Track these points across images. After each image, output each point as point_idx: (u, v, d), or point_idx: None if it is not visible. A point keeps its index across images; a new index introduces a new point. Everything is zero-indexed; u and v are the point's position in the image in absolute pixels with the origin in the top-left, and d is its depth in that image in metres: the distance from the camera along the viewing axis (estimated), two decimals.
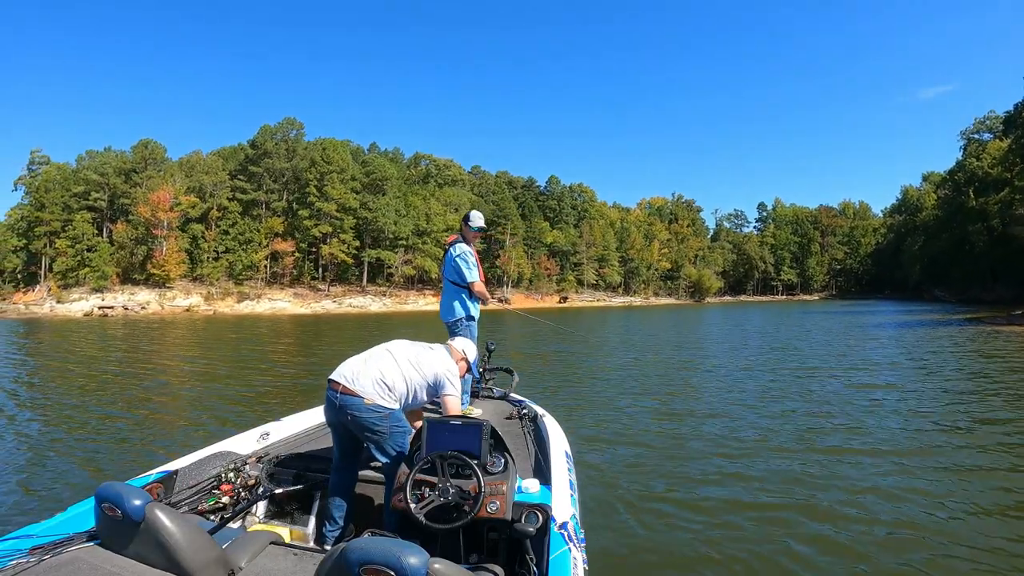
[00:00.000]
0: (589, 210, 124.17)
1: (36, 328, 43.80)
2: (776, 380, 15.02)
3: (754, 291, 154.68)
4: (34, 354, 24.78)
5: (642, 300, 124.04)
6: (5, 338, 33.07)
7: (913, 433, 9.27)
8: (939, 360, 18.43)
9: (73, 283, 77.82)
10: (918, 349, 21.81)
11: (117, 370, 18.39)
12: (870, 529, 5.70)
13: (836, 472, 7.37)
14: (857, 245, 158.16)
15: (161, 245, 79.32)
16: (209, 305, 76.40)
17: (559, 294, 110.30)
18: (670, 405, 11.94)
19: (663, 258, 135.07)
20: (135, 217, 79.68)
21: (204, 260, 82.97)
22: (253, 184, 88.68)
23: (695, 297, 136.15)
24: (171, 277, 78.03)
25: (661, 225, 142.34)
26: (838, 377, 15.23)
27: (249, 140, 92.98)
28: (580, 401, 12.40)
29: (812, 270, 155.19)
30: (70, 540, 2.73)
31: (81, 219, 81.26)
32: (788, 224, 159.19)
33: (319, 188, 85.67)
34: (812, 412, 10.94)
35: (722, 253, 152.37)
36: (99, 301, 73.25)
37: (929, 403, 11.64)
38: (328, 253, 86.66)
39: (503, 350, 23.73)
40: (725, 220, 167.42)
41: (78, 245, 79.62)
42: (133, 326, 45.43)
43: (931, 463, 7.73)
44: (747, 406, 11.56)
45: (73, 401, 12.79)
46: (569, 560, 2.98)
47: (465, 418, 3.97)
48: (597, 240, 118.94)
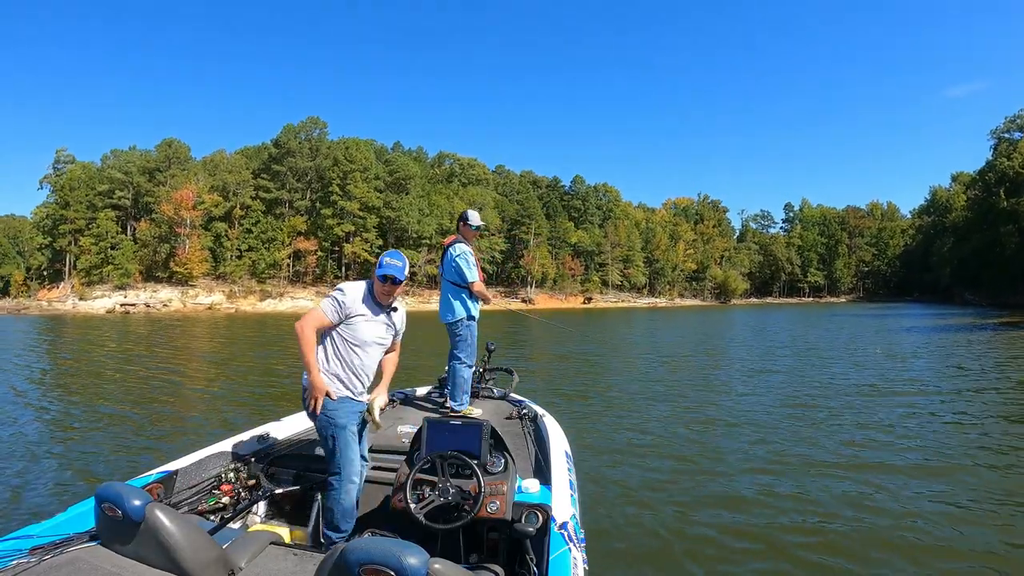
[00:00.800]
0: (614, 210, 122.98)
1: (57, 325, 43.80)
2: (803, 385, 14.41)
3: (780, 293, 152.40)
4: (49, 351, 24.46)
5: (667, 301, 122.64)
6: (24, 334, 33.03)
7: (967, 450, 8.42)
8: (981, 366, 17.35)
9: (97, 280, 78.53)
10: (958, 355, 20.50)
11: (129, 368, 18.22)
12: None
13: (873, 488, 6.86)
14: (885, 247, 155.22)
15: (184, 243, 79.56)
16: (231, 303, 76.51)
17: (583, 295, 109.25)
18: (683, 406, 11.79)
19: (688, 259, 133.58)
20: (158, 215, 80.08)
21: (227, 258, 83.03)
22: (276, 183, 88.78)
23: (721, 298, 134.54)
24: (194, 275, 78.25)
25: (687, 225, 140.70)
26: (877, 387, 13.95)
27: (272, 139, 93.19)
28: (591, 402, 12.42)
29: (839, 272, 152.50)
30: (70, 540, 2.70)
31: (105, 217, 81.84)
32: (815, 225, 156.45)
33: (342, 187, 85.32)
34: (844, 421, 10.32)
35: (748, 254, 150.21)
36: (121, 298, 73.84)
37: (978, 416, 10.65)
38: (351, 252, 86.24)
39: (527, 353, 23.35)
40: (751, 221, 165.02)
41: (102, 243, 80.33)
42: (153, 324, 45.33)
43: (988, 486, 6.95)
44: (767, 411, 11.17)
45: (77, 399, 12.67)
46: (569, 560, 2.97)
47: (465, 418, 4.36)
48: (622, 240, 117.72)
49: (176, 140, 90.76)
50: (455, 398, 5.84)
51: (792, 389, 13.73)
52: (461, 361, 5.90)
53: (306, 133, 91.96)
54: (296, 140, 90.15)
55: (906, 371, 16.46)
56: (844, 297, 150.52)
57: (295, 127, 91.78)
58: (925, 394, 12.77)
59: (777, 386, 14.21)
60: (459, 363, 5.90)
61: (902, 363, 18.39)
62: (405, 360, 6.07)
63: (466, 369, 5.92)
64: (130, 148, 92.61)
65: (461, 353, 5.94)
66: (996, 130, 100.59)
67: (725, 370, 17.66)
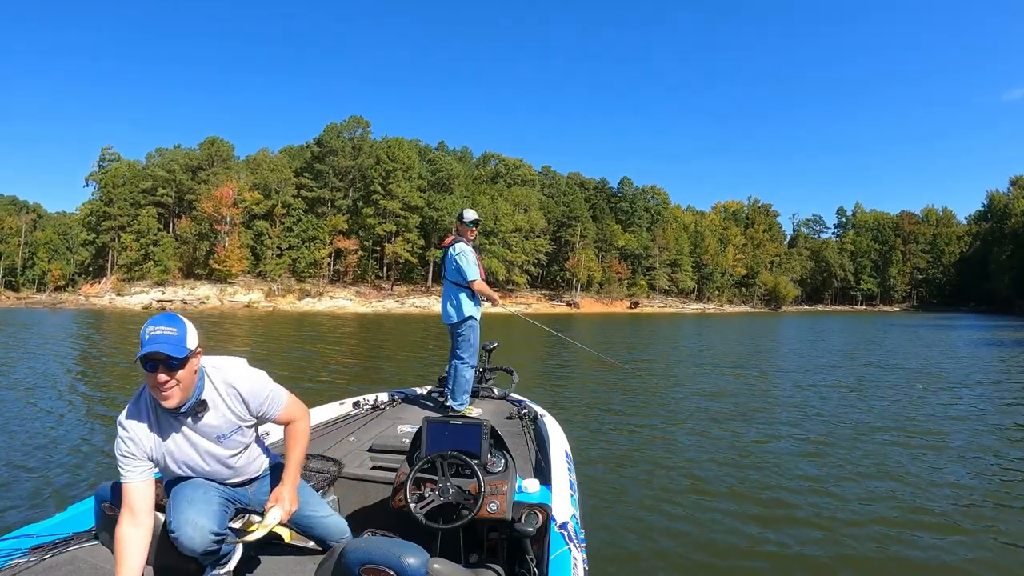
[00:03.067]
0: (662, 213, 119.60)
1: (90, 320, 43.83)
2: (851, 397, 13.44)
3: (832, 300, 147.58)
4: (73, 345, 24.30)
5: (715, 308, 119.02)
6: (55, 327, 33.72)
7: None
8: None
9: (138, 276, 78.73)
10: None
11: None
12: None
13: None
14: (940, 254, 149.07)
15: (223, 241, 78.96)
16: (269, 302, 75.37)
17: (630, 299, 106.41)
18: (678, 402, 12.27)
19: (738, 264, 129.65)
20: (199, 212, 79.96)
21: (267, 256, 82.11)
22: (319, 182, 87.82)
23: (771, 305, 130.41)
24: (232, 273, 77.42)
25: (736, 230, 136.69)
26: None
27: (315, 138, 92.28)
28: (592, 402, 12.40)
29: (893, 279, 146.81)
30: (70, 539, 2.76)
31: (147, 214, 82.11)
32: (868, 231, 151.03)
33: (384, 186, 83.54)
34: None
35: (799, 260, 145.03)
36: (159, 294, 73.33)
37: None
38: (392, 252, 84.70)
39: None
40: (802, 226, 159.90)
41: (143, 239, 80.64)
42: (190, 320, 44.46)
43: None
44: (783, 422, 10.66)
45: (78, 397, 12.37)
46: (569, 560, 2.99)
47: (465, 418, 4.54)
48: (670, 244, 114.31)
49: (219, 139, 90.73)
50: (455, 398, 5.86)
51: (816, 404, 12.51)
52: (463, 361, 5.91)
53: (349, 132, 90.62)
54: (339, 139, 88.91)
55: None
56: (898, 306, 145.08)
57: (338, 126, 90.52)
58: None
59: (799, 401, 12.95)
60: (461, 363, 5.90)
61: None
62: (405, 360, 5.36)
63: (468, 369, 5.92)
64: (175, 147, 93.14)
65: (463, 353, 5.94)
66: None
67: (744, 380, 16.45)
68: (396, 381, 13.84)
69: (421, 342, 29.04)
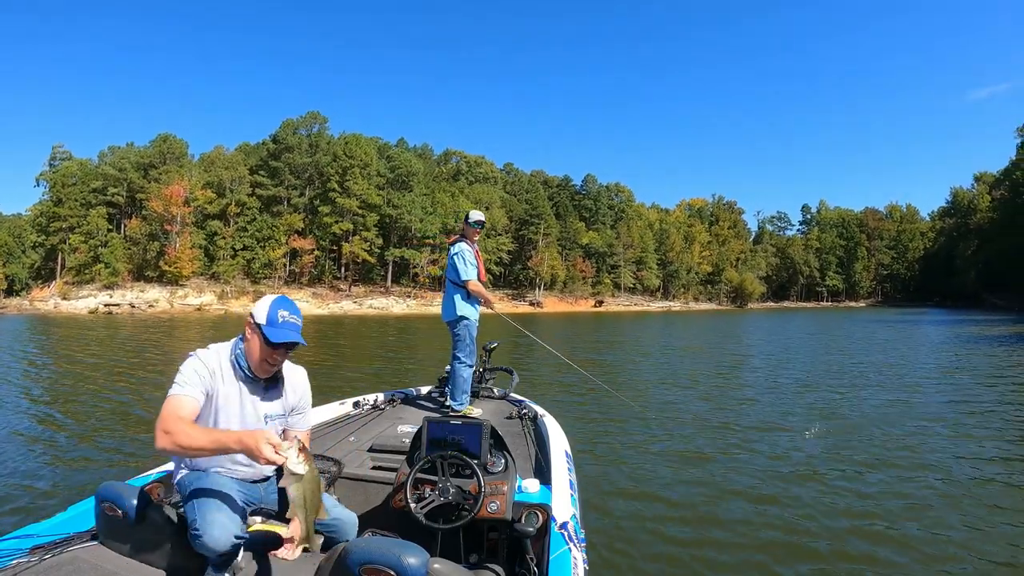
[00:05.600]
0: (627, 210, 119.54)
1: (29, 326, 41.27)
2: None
3: (798, 297, 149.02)
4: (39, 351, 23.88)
5: (681, 305, 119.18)
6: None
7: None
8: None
9: (87, 280, 75.86)
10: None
11: (131, 366, 18.20)
12: None
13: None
14: (904, 250, 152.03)
15: (174, 241, 76.56)
16: (222, 304, 73.15)
17: (594, 297, 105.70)
18: (678, 401, 12.29)
19: (704, 261, 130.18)
20: (148, 212, 77.52)
21: (221, 257, 79.84)
22: (275, 180, 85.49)
23: (737, 302, 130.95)
24: (184, 274, 75.18)
25: (701, 227, 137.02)
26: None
27: (271, 135, 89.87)
28: (592, 402, 12.15)
29: (858, 275, 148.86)
30: (70, 540, 2.72)
31: (97, 214, 79.26)
32: (833, 227, 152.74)
33: (341, 184, 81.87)
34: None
35: (765, 257, 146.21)
36: (107, 298, 70.99)
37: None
38: (349, 252, 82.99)
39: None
40: (768, 223, 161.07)
41: (92, 241, 77.79)
42: (136, 325, 43.44)
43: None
44: (775, 417, 10.86)
45: (78, 397, 12.66)
46: (569, 560, 2.98)
47: (465, 418, 4.63)
48: (635, 241, 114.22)
49: (172, 136, 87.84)
50: (455, 398, 5.82)
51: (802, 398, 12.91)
52: (461, 361, 5.91)
53: (306, 128, 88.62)
54: (295, 136, 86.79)
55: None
56: (863, 301, 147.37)
57: (294, 122, 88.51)
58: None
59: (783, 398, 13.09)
60: (459, 363, 5.90)
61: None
62: (404, 360, 7.06)
63: (466, 369, 5.90)
64: (128, 145, 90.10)
65: (460, 353, 5.95)
66: (1023, 127, 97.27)
67: (733, 378, 16.61)
68: (393, 382, 13.80)
69: (376, 347, 27.93)
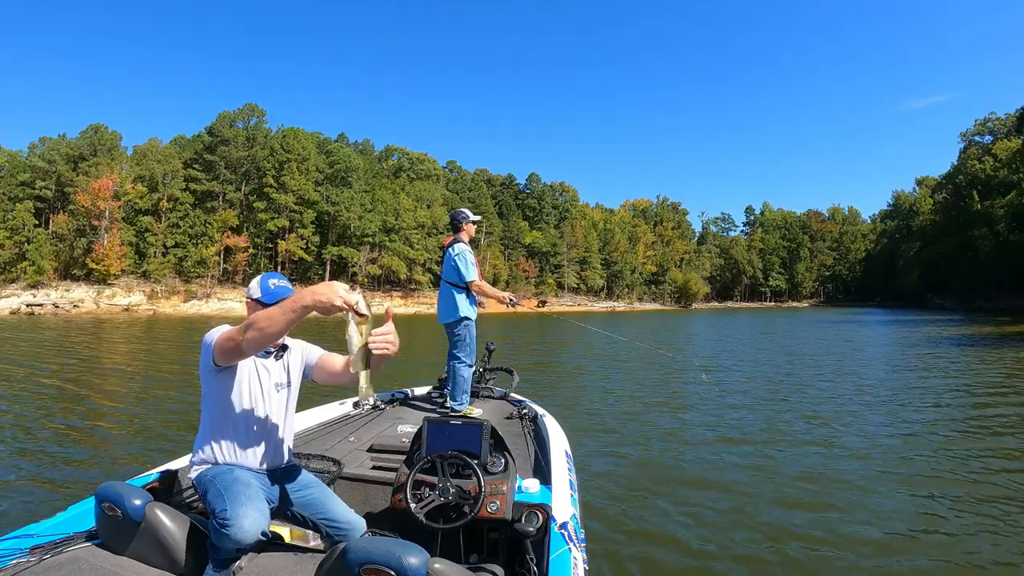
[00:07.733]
0: (571, 210, 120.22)
1: None
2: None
3: (741, 297, 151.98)
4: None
5: (625, 305, 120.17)
6: None
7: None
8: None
9: (12, 278, 72.10)
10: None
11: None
12: None
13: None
14: (846, 251, 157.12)
15: (102, 238, 73.51)
16: (152, 304, 70.76)
17: (537, 298, 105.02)
18: (678, 402, 12.23)
19: (648, 261, 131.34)
20: (75, 206, 74.28)
21: (151, 255, 76.96)
22: (209, 174, 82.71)
23: (681, 302, 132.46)
24: (111, 273, 72.16)
25: (646, 227, 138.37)
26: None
27: (207, 127, 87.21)
28: (592, 402, 12.22)
29: (801, 276, 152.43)
30: (70, 540, 2.74)
31: (23, 209, 75.71)
32: (776, 229, 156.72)
33: (277, 178, 79.97)
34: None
35: (709, 257, 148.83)
36: (30, 298, 67.65)
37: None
38: (285, 249, 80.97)
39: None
40: (711, 224, 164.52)
41: (17, 237, 73.86)
42: (61, 326, 40.73)
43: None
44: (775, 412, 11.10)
45: (79, 397, 12.68)
46: (569, 560, 2.97)
47: (465, 418, 4.67)
48: (579, 241, 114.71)
49: (103, 126, 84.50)
50: (455, 398, 5.86)
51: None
52: (460, 361, 5.91)
53: (243, 121, 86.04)
54: (231, 128, 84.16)
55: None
56: (806, 302, 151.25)
57: (231, 114, 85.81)
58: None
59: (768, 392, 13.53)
60: (458, 363, 5.89)
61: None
62: (405, 360, 6.40)
63: (466, 369, 5.93)
64: (59, 136, 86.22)
65: (460, 353, 5.94)
66: (966, 133, 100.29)
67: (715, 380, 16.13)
68: (391, 382, 13.04)
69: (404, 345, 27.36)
